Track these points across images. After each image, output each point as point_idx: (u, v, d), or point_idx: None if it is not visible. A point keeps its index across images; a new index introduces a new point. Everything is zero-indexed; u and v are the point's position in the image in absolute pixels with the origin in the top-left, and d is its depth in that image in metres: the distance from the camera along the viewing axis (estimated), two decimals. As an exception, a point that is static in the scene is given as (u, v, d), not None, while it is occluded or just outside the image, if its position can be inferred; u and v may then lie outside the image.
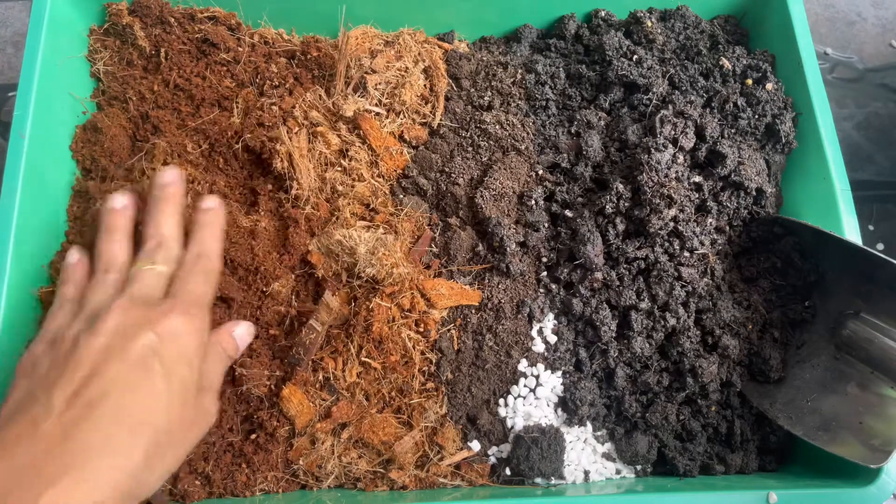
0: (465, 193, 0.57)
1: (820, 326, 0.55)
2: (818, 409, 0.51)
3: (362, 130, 0.57)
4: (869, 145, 0.80)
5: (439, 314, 0.54)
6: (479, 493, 0.51)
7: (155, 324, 0.42)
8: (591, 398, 0.53)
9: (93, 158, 0.58)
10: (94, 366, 0.39)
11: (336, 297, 0.52)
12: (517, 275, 0.56)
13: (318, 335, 0.52)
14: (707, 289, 0.55)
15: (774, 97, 0.59)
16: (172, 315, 0.42)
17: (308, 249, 0.55)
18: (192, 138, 0.59)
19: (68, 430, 0.37)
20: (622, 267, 0.55)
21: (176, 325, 0.42)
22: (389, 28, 0.64)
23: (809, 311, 0.56)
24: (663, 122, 0.56)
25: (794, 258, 0.56)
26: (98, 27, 0.62)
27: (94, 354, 0.40)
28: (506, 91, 0.62)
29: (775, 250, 0.57)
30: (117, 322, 0.41)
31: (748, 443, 0.54)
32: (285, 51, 0.63)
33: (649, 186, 0.54)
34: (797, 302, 0.56)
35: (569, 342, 0.55)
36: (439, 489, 0.52)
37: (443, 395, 0.53)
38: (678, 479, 0.53)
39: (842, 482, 0.50)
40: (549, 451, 0.51)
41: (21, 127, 0.53)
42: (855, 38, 0.86)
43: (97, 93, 0.62)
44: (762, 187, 0.57)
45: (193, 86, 0.60)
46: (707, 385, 0.53)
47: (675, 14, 0.66)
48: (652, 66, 0.61)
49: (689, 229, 0.55)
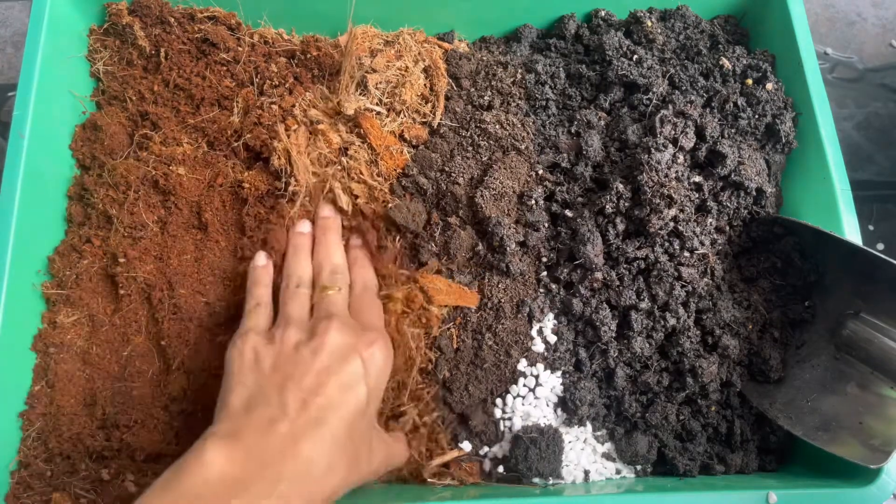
0: (465, 193, 0.57)
1: (820, 326, 0.55)
2: (818, 409, 0.51)
3: (362, 129, 0.57)
4: (869, 145, 0.80)
5: (438, 310, 0.54)
6: (470, 492, 0.51)
7: (362, 350, 0.46)
8: (591, 398, 0.53)
9: (92, 157, 0.59)
10: (318, 379, 0.44)
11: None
12: (517, 274, 0.56)
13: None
14: (707, 289, 0.55)
15: (774, 97, 0.59)
16: (376, 345, 0.47)
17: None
18: (191, 136, 0.59)
19: (298, 438, 0.41)
20: (622, 267, 0.55)
21: (377, 354, 0.47)
22: (389, 28, 0.64)
23: (809, 311, 0.56)
24: (663, 122, 0.56)
25: (794, 258, 0.56)
26: (98, 27, 0.62)
27: (318, 367, 0.44)
28: (506, 91, 0.62)
29: (775, 250, 0.57)
30: (336, 342, 0.46)
31: (748, 443, 0.54)
32: (285, 50, 0.63)
33: (649, 186, 0.54)
34: (797, 302, 0.56)
35: (569, 342, 0.55)
36: (429, 488, 0.52)
37: (438, 394, 0.53)
38: (678, 479, 0.53)
39: (842, 482, 0.49)
40: (547, 452, 0.51)
41: (21, 127, 0.54)
42: (855, 38, 0.86)
43: (97, 92, 0.62)
44: (762, 187, 0.57)
45: (193, 85, 0.60)
46: (707, 385, 0.53)
47: (675, 14, 0.66)
48: (652, 66, 0.61)
49: (689, 229, 0.55)
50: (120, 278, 0.55)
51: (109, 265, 0.56)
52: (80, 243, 0.57)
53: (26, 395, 0.53)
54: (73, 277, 0.55)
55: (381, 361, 0.47)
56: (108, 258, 0.56)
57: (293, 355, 0.45)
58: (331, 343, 0.45)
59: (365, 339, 0.47)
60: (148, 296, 0.55)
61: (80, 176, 0.59)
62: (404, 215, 0.56)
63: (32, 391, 0.53)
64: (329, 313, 0.48)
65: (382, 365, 0.47)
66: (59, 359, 0.53)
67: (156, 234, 0.56)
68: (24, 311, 0.53)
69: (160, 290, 0.55)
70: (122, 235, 0.56)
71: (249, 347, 0.47)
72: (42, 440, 0.51)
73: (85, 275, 0.56)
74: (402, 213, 0.56)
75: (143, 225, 0.56)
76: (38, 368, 0.53)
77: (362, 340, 0.47)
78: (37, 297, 0.55)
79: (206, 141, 0.59)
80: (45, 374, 0.53)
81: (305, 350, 0.45)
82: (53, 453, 0.51)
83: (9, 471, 0.50)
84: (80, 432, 0.52)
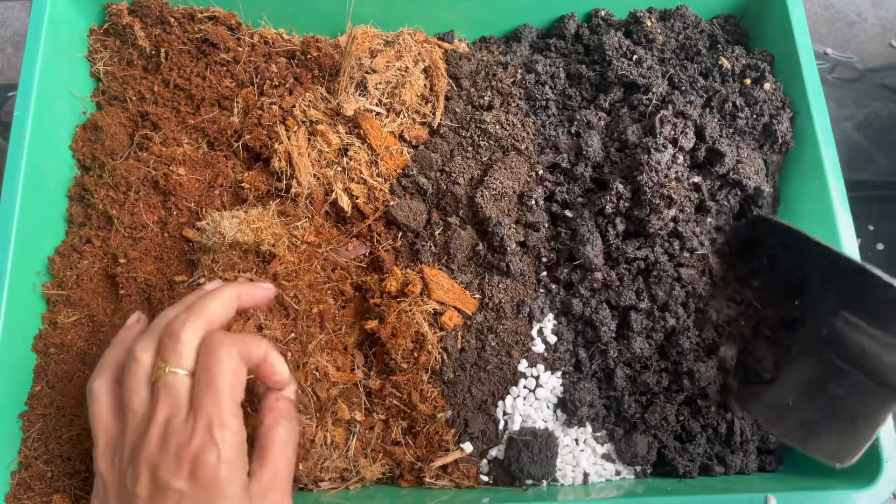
0: (466, 193, 0.57)
1: (809, 325, 0.54)
2: (799, 407, 0.51)
3: (362, 130, 0.57)
4: (869, 145, 0.80)
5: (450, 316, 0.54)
6: (466, 496, 0.51)
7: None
8: (591, 399, 0.53)
9: (93, 157, 0.59)
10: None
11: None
12: (517, 274, 0.56)
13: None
14: (706, 289, 0.55)
15: (772, 97, 0.59)
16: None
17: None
18: (191, 136, 0.59)
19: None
20: (622, 267, 0.55)
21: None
22: (389, 28, 0.64)
23: (799, 309, 0.55)
24: (663, 122, 0.56)
25: (778, 256, 0.56)
26: (98, 27, 0.62)
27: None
28: (506, 91, 0.62)
29: (763, 248, 0.57)
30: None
31: (748, 443, 0.54)
32: (285, 51, 0.63)
33: (649, 186, 0.54)
34: (788, 301, 0.56)
35: (568, 342, 0.55)
36: (428, 490, 0.52)
37: (441, 395, 0.53)
38: (677, 481, 0.53)
39: (841, 483, 0.50)
40: (539, 455, 0.51)
41: (21, 127, 0.54)
42: (855, 38, 0.86)
43: (97, 93, 0.62)
44: (760, 186, 0.57)
45: (193, 86, 0.60)
46: (706, 386, 0.53)
47: (675, 14, 0.66)
48: (652, 66, 0.61)
49: (688, 229, 0.55)
50: (120, 279, 0.55)
51: (110, 265, 0.56)
52: (80, 244, 0.57)
53: (27, 395, 0.53)
54: (74, 278, 0.55)
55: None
56: (108, 258, 0.56)
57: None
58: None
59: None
60: (148, 296, 0.55)
61: (81, 176, 0.59)
62: (405, 214, 0.56)
63: (33, 392, 0.53)
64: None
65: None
66: (59, 359, 0.53)
67: (156, 235, 0.56)
68: (25, 311, 0.53)
69: (160, 290, 0.55)
70: (123, 236, 0.56)
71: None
72: (43, 441, 0.51)
73: (85, 275, 0.56)
74: (402, 212, 0.56)
75: (144, 225, 0.56)
76: (39, 369, 0.53)
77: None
78: (37, 297, 0.55)
79: (207, 141, 0.59)
80: (46, 375, 0.53)
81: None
82: (54, 454, 0.51)
83: (9, 471, 0.50)
84: (80, 433, 0.52)
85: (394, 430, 0.53)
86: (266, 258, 0.53)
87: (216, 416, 0.38)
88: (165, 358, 0.40)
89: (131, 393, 0.40)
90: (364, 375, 0.54)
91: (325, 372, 0.52)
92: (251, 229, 0.51)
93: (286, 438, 0.42)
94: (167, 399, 0.39)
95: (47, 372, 0.53)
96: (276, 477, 0.41)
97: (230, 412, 0.39)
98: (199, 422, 0.38)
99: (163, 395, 0.39)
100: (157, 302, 0.55)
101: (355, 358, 0.54)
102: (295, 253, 0.54)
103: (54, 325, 0.55)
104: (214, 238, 0.52)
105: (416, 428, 0.53)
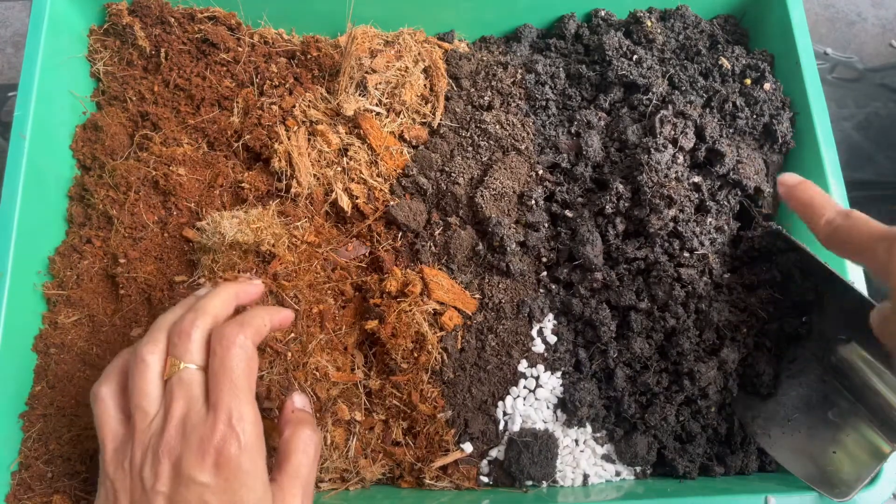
0: (466, 193, 0.57)
1: (813, 344, 0.54)
2: (797, 429, 0.51)
3: (362, 130, 0.57)
4: (869, 145, 0.80)
5: (450, 316, 0.54)
6: (466, 497, 0.51)
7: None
8: (591, 399, 0.53)
9: (93, 157, 0.59)
10: None
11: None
12: (517, 274, 0.56)
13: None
14: (706, 289, 0.55)
15: (772, 97, 0.59)
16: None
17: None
18: (191, 136, 0.59)
19: None
20: (622, 267, 0.55)
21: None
22: (389, 28, 0.64)
23: (805, 326, 0.54)
24: (663, 122, 0.56)
25: (794, 275, 0.55)
26: (98, 27, 0.62)
27: None
28: (506, 91, 0.62)
29: (777, 263, 0.56)
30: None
31: (748, 444, 0.54)
32: (285, 51, 0.63)
33: (649, 186, 0.54)
34: (794, 317, 0.55)
35: (568, 342, 0.55)
36: (428, 490, 0.52)
37: (441, 395, 0.53)
38: (677, 482, 0.53)
39: (841, 482, 0.50)
40: (539, 456, 0.51)
41: (21, 127, 0.54)
42: (855, 38, 0.86)
43: (97, 93, 0.62)
44: (760, 186, 0.57)
45: (193, 86, 0.60)
46: (706, 387, 0.53)
47: (675, 14, 0.66)
48: (652, 66, 0.61)
49: (688, 229, 0.55)
50: (120, 279, 0.55)
51: (110, 266, 0.56)
52: (80, 244, 0.57)
53: (27, 395, 0.53)
54: (74, 278, 0.56)
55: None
56: (108, 259, 0.56)
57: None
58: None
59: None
60: (148, 296, 0.55)
61: (81, 176, 0.59)
62: (405, 214, 0.56)
63: (33, 392, 0.53)
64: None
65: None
66: (59, 359, 0.53)
67: (156, 235, 0.56)
68: (25, 311, 0.53)
69: (160, 290, 0.55)
70: (123, 236, 0.56)
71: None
72: (43, 441, 0.51)
73: (85, 275, 0.56)
74: (402, 212, 0.56)
75: (144, 225, 0.56)
76: (39, 369, 0.53)
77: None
78: (38, 297, 0.55)
79: (207, 141, 0.59)
80: (46, 375, 0.53)
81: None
82: (54, 455, 0.51)
83: (9, 472, 0.50)
84: (80, 434, 0.52)
85: (394, 431, 0.53)
86: (266, 258, 0.53)
87: (236, 407, 0.39)
88: (178, 355, 0.41)
89: (141, 393, 0.41)
90: (364, 375, 0.54)
91: (325, 372, 0.52)
92: (251, 229, 0.51)
93: (307, 444, 0.43)
94: (183, 394, 0.40)
95: (47, 372, 0.53)
96: (297, 482, 0.42)
97: (248, 403, 0.40)
98: (219, 414, 0.38)
99: (178, 391, 0.40)
100: (157, 302, 0.55)
101: (355, 358, 0.54)
102: (295, 253, 0.54)
103: (54, 325, 0.55)
104: (214, 238, 0.52)
105: (416, 428, 0.53)
